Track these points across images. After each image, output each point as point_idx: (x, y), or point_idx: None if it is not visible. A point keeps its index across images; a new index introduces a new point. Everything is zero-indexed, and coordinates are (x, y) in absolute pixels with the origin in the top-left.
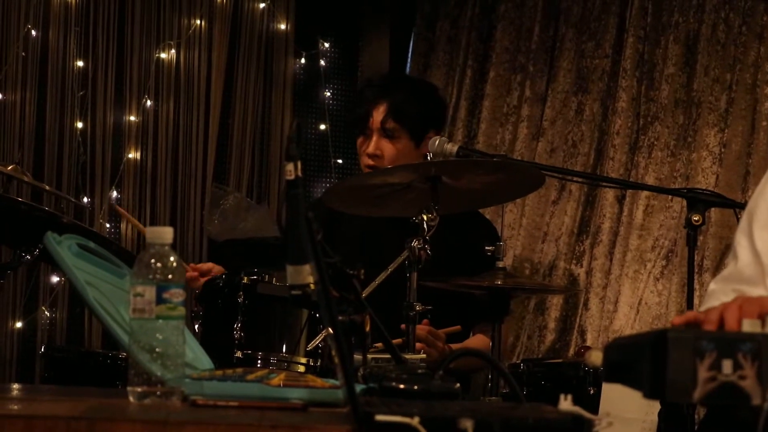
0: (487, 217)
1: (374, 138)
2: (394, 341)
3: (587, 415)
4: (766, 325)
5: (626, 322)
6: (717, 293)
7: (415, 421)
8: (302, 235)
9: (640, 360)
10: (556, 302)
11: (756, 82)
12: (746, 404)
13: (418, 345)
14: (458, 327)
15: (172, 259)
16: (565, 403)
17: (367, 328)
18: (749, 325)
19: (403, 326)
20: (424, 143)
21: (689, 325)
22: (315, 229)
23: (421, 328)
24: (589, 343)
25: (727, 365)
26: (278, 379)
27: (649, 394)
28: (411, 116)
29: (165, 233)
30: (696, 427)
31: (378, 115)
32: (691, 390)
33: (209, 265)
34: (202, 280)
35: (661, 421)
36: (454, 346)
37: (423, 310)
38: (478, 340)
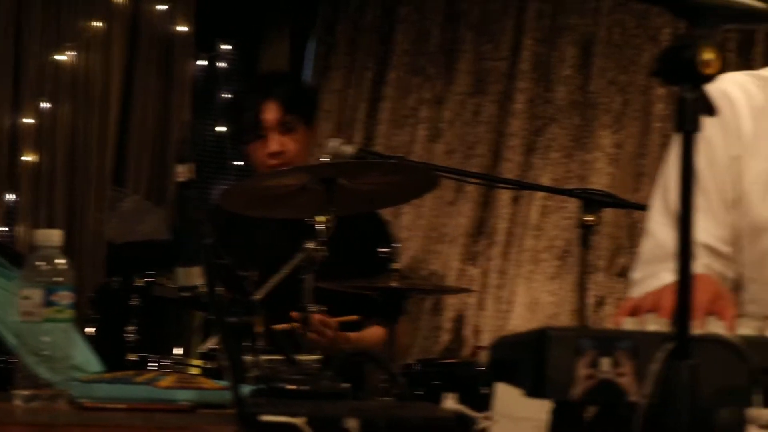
0: (386, 218)
1: (272, 136)
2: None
3: (470, 413)
4: (648, 322)
5: (521, 322)
6: (648, 278)
7: (300, 421)
8: (193, 237)
9: (523, 358)
10: (452, 303)
11: (650, 84)
12: (623, 401)
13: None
14: (354, 317)
15: (60, 261)
16: (449, 402)
17: (259, 330)
18: (629, 323)
19: (294, 314)
20: (315, 127)
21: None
22: (205, 231)
23: (314, 316)
24: (484, 343)
25: (605, 363)
26: (167, 381)
27: (530, 392)
28: (303, 104)
29: (53, 235)
30: (586, 425)
31: (271, 113)
32: (570, 387)
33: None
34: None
35: (552, 419)
36: (352, 335)
37: (319, 312)
38: (374, 330)
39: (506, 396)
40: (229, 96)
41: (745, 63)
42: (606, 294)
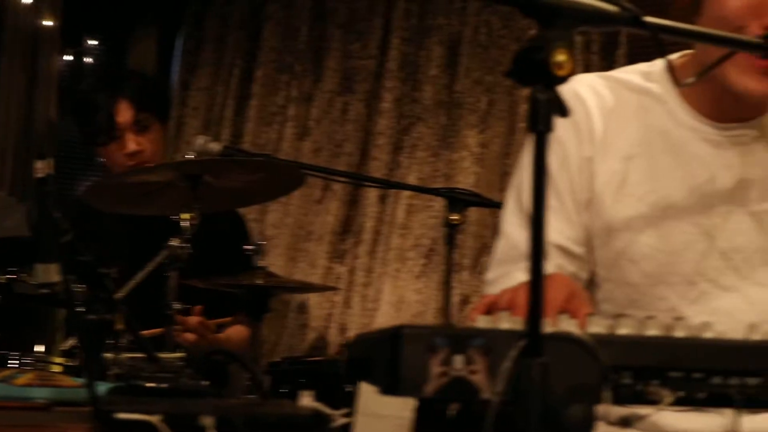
0: (252, 216)
1: (129, 137)
2: (155, 331)
3: (327, 410)
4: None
5: (387, 320)
6: (501, 278)
7: (156, 418)
8: (51, 234)
9: (378, 356)
10: (318, 301)
11: (515, 85)
12: (476, 398)
13: (188, 335)
14: (230, 318)
15: None
16: (305, 399)
17: (119, 327)
18: (483, 321)
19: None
20: (169, 123)
21: (491, 311)
22: (64, 228)
23: (193, 319)
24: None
25: (458, 360)
26: (24, 378)
27: (385, 390)
28: (156, 100)
29: None
30: (448, 422)
31: (124, 114)
32: (423, 385)
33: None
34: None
35: (416, 417)
36: (221, 335)
37: (183, 309)
38: (239, 329)
39: (370, 394)
40: (80, 97)
41: (609, 65)
42: (471, 292)
